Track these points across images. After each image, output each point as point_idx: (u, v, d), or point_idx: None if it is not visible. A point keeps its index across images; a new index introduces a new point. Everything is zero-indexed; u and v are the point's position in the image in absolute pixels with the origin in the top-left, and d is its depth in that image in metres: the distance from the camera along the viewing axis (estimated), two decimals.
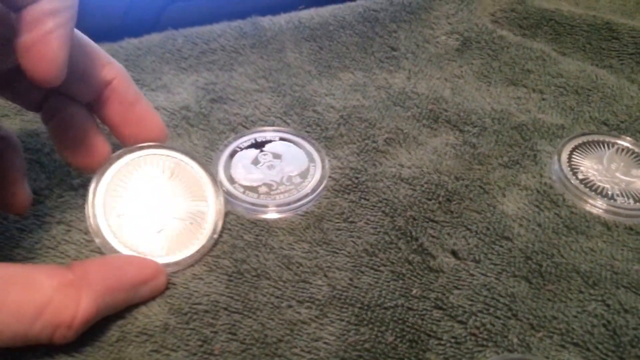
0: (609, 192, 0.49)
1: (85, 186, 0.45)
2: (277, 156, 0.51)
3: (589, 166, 0.51)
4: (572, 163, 0.51)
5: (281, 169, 0.50)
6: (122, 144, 0.45)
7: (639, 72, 0.62)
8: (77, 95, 0.42)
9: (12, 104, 0.52)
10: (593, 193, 0.48)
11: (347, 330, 0.40)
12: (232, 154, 0.51)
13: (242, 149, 0.51)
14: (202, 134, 0.53)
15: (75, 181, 0.48)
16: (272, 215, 0.47)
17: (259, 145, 0.52)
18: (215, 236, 0.44)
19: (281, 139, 0.53)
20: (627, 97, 0.58)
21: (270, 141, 0.52)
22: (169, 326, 0.40)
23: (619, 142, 0.53)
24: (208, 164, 0.49)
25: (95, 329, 0.39)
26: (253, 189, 0.48)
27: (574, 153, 0.52)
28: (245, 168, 0.50)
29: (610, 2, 0.72)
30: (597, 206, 0.48)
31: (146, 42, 0.62)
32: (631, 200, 0.48)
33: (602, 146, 0.53)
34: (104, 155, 0.44)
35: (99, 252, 0.43)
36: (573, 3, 0.71)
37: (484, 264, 0.44)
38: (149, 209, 0.44)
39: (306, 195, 0.48)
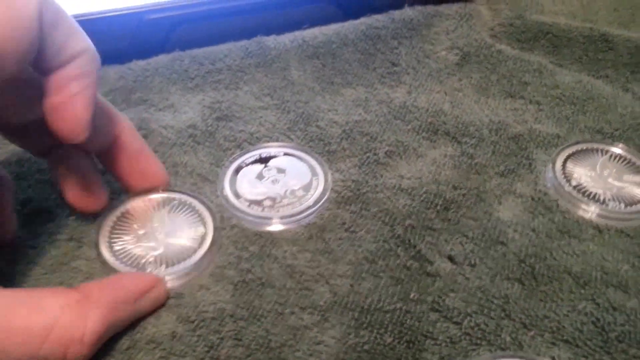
0: (602, 198, 0.51)
1: None
2: (281, 171, 0.53)
3: (582, 173, 0.53)
4: (566, 170, 0.53)
5: (285, 183, 0.52)
6: (126, 190, 0.49)
7: (633, 82, 0.63)
8: (86, 147, 0.45)
9: None
10: (586, 199, 0.50)
11: (348, 333, 0.42)
12: (238, 170, 0.53)
13: (247, 165, 0.53)
14: (208, 151, 0.55)
15: None
16: (276, 227, 0.49)
17: (263, 160, 0.54)
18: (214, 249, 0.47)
19: (285, 154, 0.55)
20: (621, 106, 0.60)
21: (274, 156, 0.54)
22: (176, 334, 0.42)
23: (612, 149, 0.55)
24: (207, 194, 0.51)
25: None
26: (258, 203, 0.50)
27: (568, 161, 0.54)
28: (250, 183, 0.52)
29: (607, 14, 0.74)
30: (589, 211, 0.50)
31: (154, 63, 0.64)
32: (622, 205, 0.50)
33: (595, 154, 0.55)
34: (104, 200, 0.48)
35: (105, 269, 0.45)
36: (571, 16, 0.73)
37: (479, 267, 0.46)
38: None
39: (309, 208, 0.50)
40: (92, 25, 0.60)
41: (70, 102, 0.40)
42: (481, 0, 0.75)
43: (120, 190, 0.50)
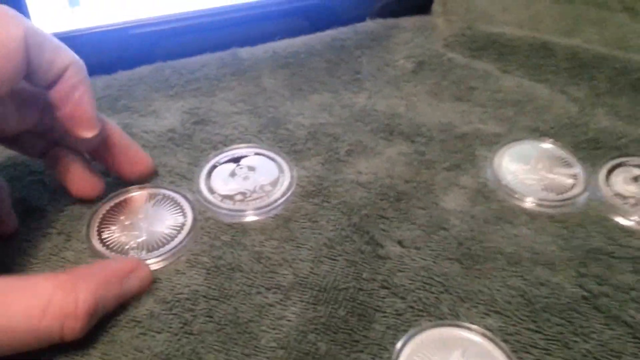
0: (535, 188, 0.54)
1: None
2: (251, 169, 0.56)
3: (518, 166, 0.56)
4: (504, 164, 0.56)
5: (255, 179, 0.55)
6: (118, 178, 0.54)
7: (570, 85, 0.66)
8: (79, 147, 0.51)
9: None
10: (521, 189, 0.54)
11: (307, 309, 0.45)
12: (212, 168, 0.56)
13: (220, 164, 0.57)
14: (186, 152, 0.58)
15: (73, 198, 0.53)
16: (246, 218, 0.52)
17: (236, 160, 0.57)
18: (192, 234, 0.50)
19: (256, 154, 0.58)
20: (557, 107, 0.63)
21: (245, 156, 0.58)
22: (154, 313, 0.45)
23: (544, 145, 0.58)
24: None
25: None
26: (230, 197, 0.53)
27: (506, 156, 0.57)
28: (223, 180, 0.55)
29: (551, 24, 0.77)
30: (524, 200, 0.53)
31: (138, 73, 0.66)
32: (553, 194, 0.54)
33: (530, 149, 0.58)
34: (102, 186, 0.53)
35: (94, 257, 0.49)
36: (518, 26, 0.76)
37: (423, 250, 0.49)
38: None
39: (276, 201, 0.53)
40: (81, 39, 0.64)
41: (79, 107, 0.45)
42: (437, 12, 0.78)
43: (110, 186, 0.53)
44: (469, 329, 0.44)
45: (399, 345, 0.43)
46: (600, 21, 0.79)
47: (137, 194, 0.53)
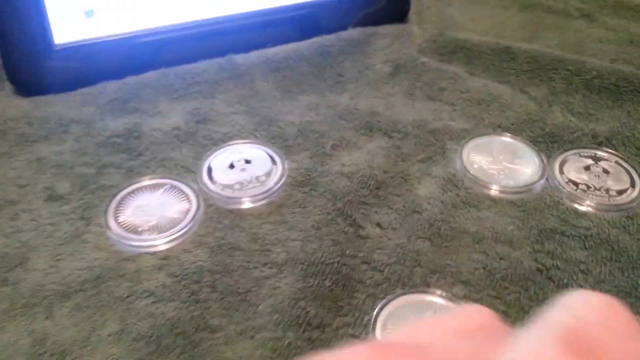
0: (497, 177, 0.59)
1: (102, 189, 0.57)
2: (248, 161, 0.61)
3: (483, 158, 0.61)
4: (471, 156, 0.60)
5: (251, 171, 0.59)
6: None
7: (530, 85, 0.70)
8: None
9: (39, 130, 0.63)
10: (485, 178, 0.58)
11: (297, 280, 0.49)
12: (214, 162, 0.61)
13: (221, 157, 0.61)
14: (190, 147, 0.62)
15: (91, 186, 0.58)
16: (244, 205, 0.57)
17: (234, 154, 0.62)
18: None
19: (251, 148, 0.62)
20: (517, 105, 0.67)
21: (243, 151, 0.62)
22: (165, 285, 0.49)
23: (505, 139, 0.63)
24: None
25: (108, 287, 0.49)
26: (229, 187, 0.58)
27: (473, 149, 0.61)
28: (223, 171, 0.59)
29: (514, 31, 0.81)
30: (488, 187, 0.57)
31: (145, 78, 0.70)
32: (512, 182, 0.58)
33: (493, 142, 0.63)
34: None
35: (112, 240, 0.53)
36: (483, 33, 0.79)
37: (399, 231, 0.53)
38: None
39: (269, 190, 0.58)
40: (96, 47, 0.68)
41: None
42: (413, 21, 0.82)
43: (124, 177, 0.58)
44: (437, 295, 0.49)
45: (376, 309, 0.47)
46: (559, 27, 0.82)
47: (149, 183, 0.57)
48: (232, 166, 0.60)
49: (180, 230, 0.54)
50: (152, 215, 0.55)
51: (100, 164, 0.60)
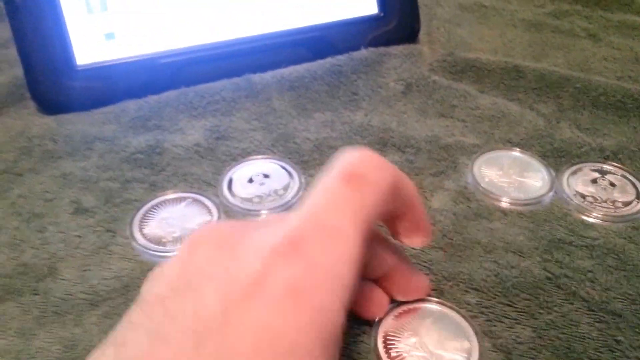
0: (507, 190, 0.60)
1: (127, 202, 0.58)
2: (266, 176, 0.62)
3: (493, 171, 0.62)
4: (482, 170, 0.62)
5: (269, 185, 0.61)
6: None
7: (538, 102, 0.71)
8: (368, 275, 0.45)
9: (64, 146, 0.64)
10: (496, 191, 0.59)
11: None
12: (233, 176, 0.62)
13: (240, 172, 0.62)
14: (210, 163, 0.63)
15: (116, 200, 0.59)
16: (262, 217, 0.58)
17: (253, 168, 0.63)
18: None
19: (269, 163, 0.64)
20: (526, 121, 0.68)
21: (261, 166, 0.63)
22: None
23: (515, 153, 0.64)
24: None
25: (135, 295, 0.50)
26: (249, 200, 0.59)
27: (483, 163, 0.63)
28: (242, 185, 0.61)
29: (522, 50, 0.82)
30: (498, 200, 0.58)
31: (165, 97, 0.71)
32: (522, 195, 0.59)
33: (503, 157, 0.64)
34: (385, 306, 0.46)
35: (137, 251, 0.54)
36: (493, 52, 0.81)
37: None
38: None
39: (287, 202, 0.59)
40: (116, 68, 0.70)
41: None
42: (423, 41, 0.83)
43: (147, 192, 0.59)
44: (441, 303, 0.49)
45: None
46: (566, 47, 0.84)
47: (171, 197, 0.59)
48: (251, 180, 0.61)
49: None
50: (176, 227, 0.56)
51: (124, 178, 0.61)
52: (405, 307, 0.48)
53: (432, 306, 0.49)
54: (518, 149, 0.65)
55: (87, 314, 0.49)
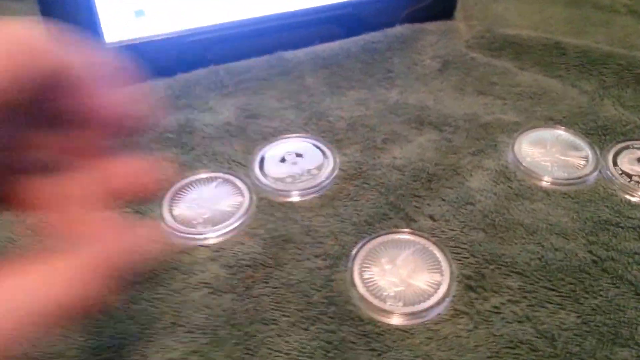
0: (550, 169, 0.58)
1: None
2: (299, 155, 0.60)
3: (535, 150, 0.60)
4: (523, 149, 0.60)
5: (302, 164, 0.59)
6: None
7: (581, 80, 0.69)
8: None
9: None
10: (538, 170, 0.57)
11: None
12: (265, 156, 0.60)
13: (272, 152, 0.61)
14: (241, 142, 0.62)
15: None
16: (296, 198, 0.56)
17: (285, 148, 0.61)
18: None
19: (302, 142, 0.62)
20: (569, 99, 0.66)
21: (293, 145, 0.62)
22: (220, 276, 0.49)
23: (558, 131, 0.62)
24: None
25: (163, 279, 0.49)
26: (281, 180, 0.58)
27: (525, 141, 0.61)
28: (275, 165, 0.59)
29: (562, 26, 0.80)
30: (541, 179, 0.57)
31: (195, 75, 0.70)
32: (566, 174, 0.57)
33: (546, 135, 0.61)
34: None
35: (166, 233, 0.53)
36: (532, 28, 0.78)
37: (452, 222, 0.53)
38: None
39: (321, 183, 0.57)
40: (146, 46, 0.68)
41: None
42: (459, 18, 0.81)
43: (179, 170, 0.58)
44: (419, 235, 0.50)
45: (354, 250, 0.49)
46: (607, 23, 0.81)
47: (202, 177, 0.57)
48: (283, 160, 0.60)
49: (233, 223, 0.53)
50: (206, 208, 0.55)
51: (153, 158, 0.59)
52: (388, 237, 0.51)
53: (417, 239, 0.51)
54: (561, 127, 0.62)
55: (111, 300, 0.47)
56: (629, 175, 0.57)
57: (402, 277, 0.48)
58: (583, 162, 0.59)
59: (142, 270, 0.45)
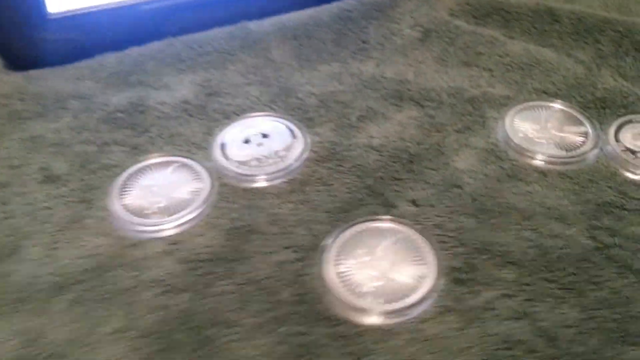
0: (545, 146, 0.55)
1: (105, 169, 0.53)
2: (265, 136, 0.57)
3: (528, 126, 0.57)
4: (514, 125, 0.57)
5: (269, 146, 0.56)
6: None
7: (576, 49, 0.67)
8: None
9: (33, 106, 0.59)
10: (532, 147, 0.54)
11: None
12: (227, 137, 0.57)
13: (235, 132, 0.58)
14: (200, 122, 0.59)
15: (92, 166, 0.55)
16: (261, 183, 0.53)
17: (249, 128, 0.58)
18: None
19: (268, 121, 0.59)
20: (564, 69, 0.63)
21: (259, 124, 0.59)
22: (176, 272, 0.46)
23: (554, 105, 0.59)
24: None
25: (112, 277, 0.46)
26: (245, 163, 0.54)
27: (516, 117, 0.58)
28: (238, 147, 0.56)
29: None
30: (535, 158, 0.54)
31: (149, 48, 0.67)
32: (563, 151, 0.54)
33: (540, 110, 0.59)
34: None
35: (115, 224, 0.50)
36: None
37: (437, 207, 0.50)
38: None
39: (290, 166, 0.54)
40: (93, 17, 0.65)
41: None
42: None
43: (129, 155, 0.55)
44: (401, 222, 0.48)
45: (328, 241, 0.47)
46: None
47: (156, 162, 0.54)
48: (247, 141, 0.57)
49: (192, 212, 0.50)
50: (161, 196, 0.52)
51: (101, 141, 0.57)
52: (366, 226, 0.48)
53: (399, 227, 0.48)
54: (556, 100, 0.60)
55: (54, 301, 0.45)
56: (633, 152, 0.55)
57: (382, 270, 0.45)
58: (582, 139, 0.56)
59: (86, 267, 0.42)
